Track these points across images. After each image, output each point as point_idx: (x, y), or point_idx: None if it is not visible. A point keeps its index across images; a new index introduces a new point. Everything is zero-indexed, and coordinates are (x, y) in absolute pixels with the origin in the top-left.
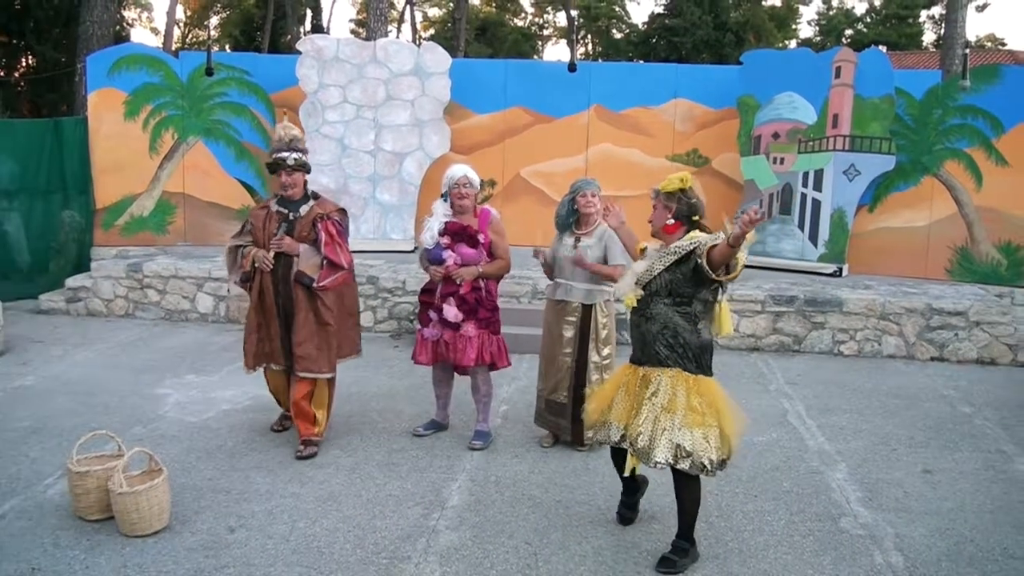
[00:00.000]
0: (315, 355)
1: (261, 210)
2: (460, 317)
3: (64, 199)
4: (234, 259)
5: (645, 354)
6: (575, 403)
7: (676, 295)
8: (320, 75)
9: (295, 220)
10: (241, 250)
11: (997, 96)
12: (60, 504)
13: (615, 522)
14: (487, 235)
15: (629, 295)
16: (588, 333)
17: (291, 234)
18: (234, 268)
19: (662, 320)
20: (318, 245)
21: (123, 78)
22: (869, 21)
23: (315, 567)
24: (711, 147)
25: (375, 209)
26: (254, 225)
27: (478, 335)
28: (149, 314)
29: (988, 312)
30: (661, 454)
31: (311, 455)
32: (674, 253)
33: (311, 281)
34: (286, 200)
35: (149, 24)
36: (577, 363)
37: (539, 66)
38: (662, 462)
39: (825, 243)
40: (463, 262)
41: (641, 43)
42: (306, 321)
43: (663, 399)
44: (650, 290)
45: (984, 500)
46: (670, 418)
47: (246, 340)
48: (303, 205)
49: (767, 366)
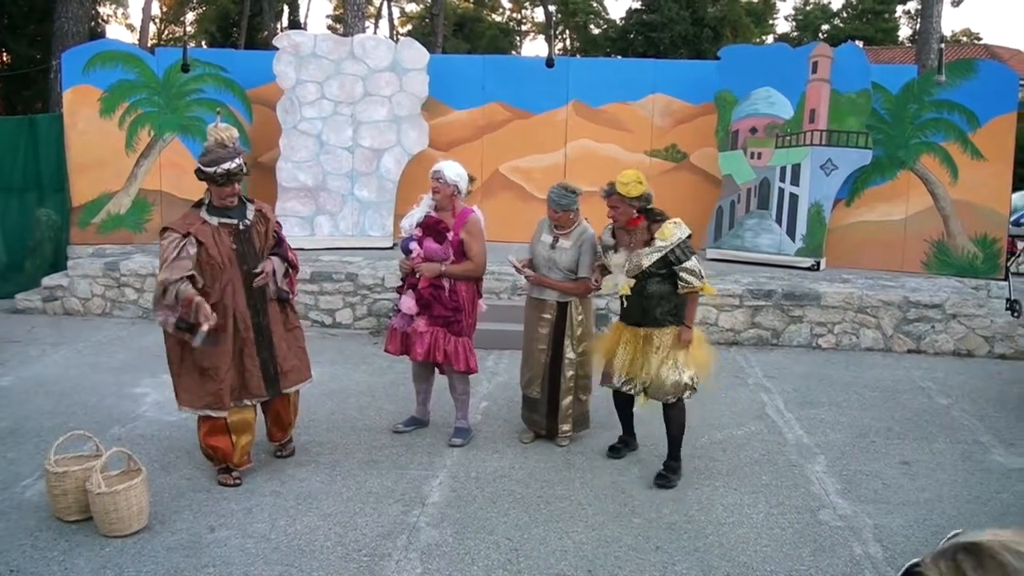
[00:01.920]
0: (299, 364)
1: (202, 226)
2: (414, 310)
3: (40, 197)
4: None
5: (646, 320)
6: (551, 398)
7: (661, 275)
8: (297, 71)
9: (248, 229)
10: (177, 287)
11: (972, 90)
12: (38, 505)
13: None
14: (458, 234)
15: (623, 287)
16: (564, 330)
17: (251, 243)
18: (166, 308)
19: (658, 294)
20: (280, 250)
21: (98, 75)
22: (845, 16)
23: (295, 565)
24: (689, 142)
25: (353, 206)
26: (203, 245)
27: (429, 332)
28: (127, 313)
29: (964, 305)
30: (671, 392)
31: (291, 452)
32: (658, 251)
33: (287, 295)
34: (221, 209)
35: (124, 20)
36: (552, 359)
37: (517, 62)
38: (671, 397)
39: (803, 237)
40: (426, 256)
41: (619, 39)
42: (282, 334)
43: (664, 352)
44: (642, 277)
45: (961, 491)
46: (672, 365)
47: (213, 379)
48: (246, 210)
49: (746, 360)
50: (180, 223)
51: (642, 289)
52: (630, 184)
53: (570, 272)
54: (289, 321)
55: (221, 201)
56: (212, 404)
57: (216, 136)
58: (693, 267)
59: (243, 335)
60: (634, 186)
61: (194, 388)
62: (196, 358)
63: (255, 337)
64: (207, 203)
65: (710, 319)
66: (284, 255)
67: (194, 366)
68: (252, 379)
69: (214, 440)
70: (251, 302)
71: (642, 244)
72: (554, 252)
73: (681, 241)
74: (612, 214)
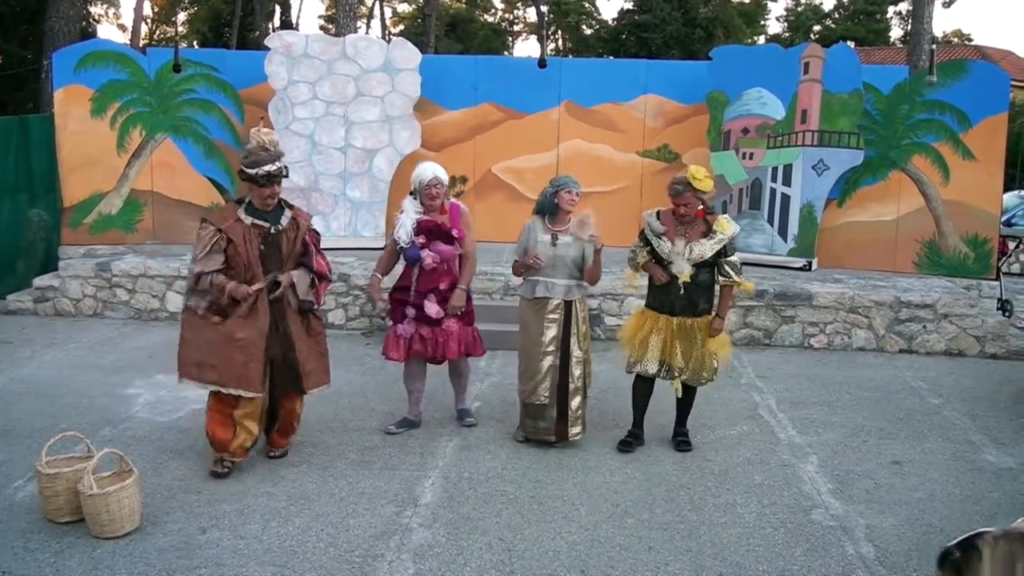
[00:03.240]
0: (316, 368)
1: (235, 224)
2: (441, 314)
3: (31, 198)
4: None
5: (687, 309)
6: (560, 400)
7: (710, 265)
8: (289, 71)
9: (279, 233)
10: (212, 277)
11: (964, 91)
12: (30, 507)
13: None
14: (460, 231)
15: (685, 274)
16: (570, 329)
17: (277, 247)
18: (200, 294)
19: (705, 284)
20: (307, 260)
21: (90, 75)
22: (837, 17)
23: (288, 566)
24: (681, 142)
25: (345, 206)
26: (232, 242)
27: (459, 329)
28: (118, 314)
29: (956, 304)
30: (707, 377)
31: (283, 454)
32: (720, 242)
33: (311, 305)
34: (259, 210)
35: (116, 20)
36: (561, 360)
37: (509, 62)
38: (705, 381)
39: (794, 237)
40: (440, 259)
41: (611, 39)
42: (303, 338)
43: (701, 340)
44: (698, 266)
45: (953, 490)
46: (709, 352)
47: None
48: (281, 215)
49: (738, 360)
50: (217, 216)
51: (695, 277)
52: (704, 179)
53: (576, 267)
54: (312, 328)
55: (261, 202)
56: (241, 384)
57: (258, 139)
58: (736, 262)
59: (261, 329)
60: (706, 181)
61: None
62: (230, 331)
63: (276, 335)
64: (247, 202)
65: None
66: (310, 265)
67: (220, 342)
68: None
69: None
70: (272, 305)
71: (699, 235)
72: (557, 249)
73: (735, 235)
74: (683, 209)
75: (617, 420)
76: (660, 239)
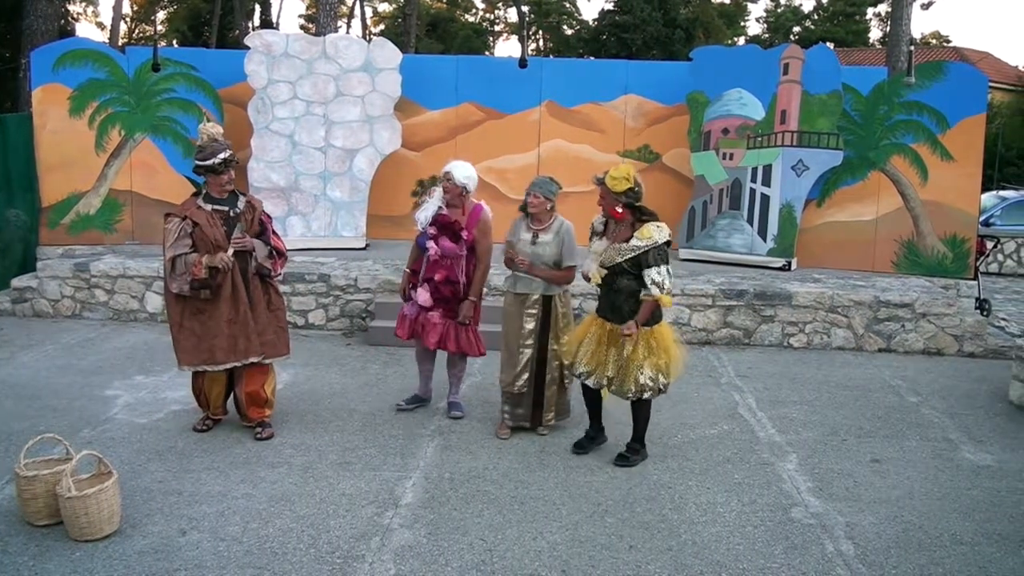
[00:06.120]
0: (275, 340)
1: (198, 211)
2: (429, 303)
3: (8, 197)
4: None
5: (615, 315)
6: (536, 390)
7: (633, 273)
8: (269, 71)
9: (237, 216)
10: (184, 258)
11: (942, 92)
12: (8, 510)
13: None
14: (472, 233)
15: (595, 276)
16: (549, 323)
17: (239, 227)
18: (180, 276)
19: (626, 290)
20: (264, 237)
21: (68, 74)
22: (816, 18)
23: (268, 568)
24: (662, 142)
25: (326, 206)
26: (198, 225)
27: (443, 323)
28: (97, 314)
29: (934, 304)
30: (632, 390)
31: (270, 435)
32: (633, 250)
33: (269, 272)
34: (216, 198)
35: (95, 19)
36: (539, 353)
37: (490, 62)
38: (632, 394)
39: (774, 237)
40: (443, 253)
41: (592, 39)
42: (263, 310)
43: (628, 350)
44: (614, 271)
45: (932, 488)
46: (636, 363)
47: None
48: (237, 200)
49: (718, 359)
50: (179, 209)
51: (612, 282)
52: (617, 179)
53: (554, 265)
54: (272, 302)
55: (220, 190)
56: (208, 360)
57: (208, 133)
58: (657, 276)
59: (240, 299)
60: (620, 182)
61: (190, 348)
62: (198, 318)
63: (240, 307)
64: (204, 193)
65: (683, 319)
66: (267, 240)
67: (192, 330)
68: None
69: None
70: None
71: (623, 239)
72: (536, 247)
73: (657, 245)
74: (599, 202)
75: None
76: (594, 236)
